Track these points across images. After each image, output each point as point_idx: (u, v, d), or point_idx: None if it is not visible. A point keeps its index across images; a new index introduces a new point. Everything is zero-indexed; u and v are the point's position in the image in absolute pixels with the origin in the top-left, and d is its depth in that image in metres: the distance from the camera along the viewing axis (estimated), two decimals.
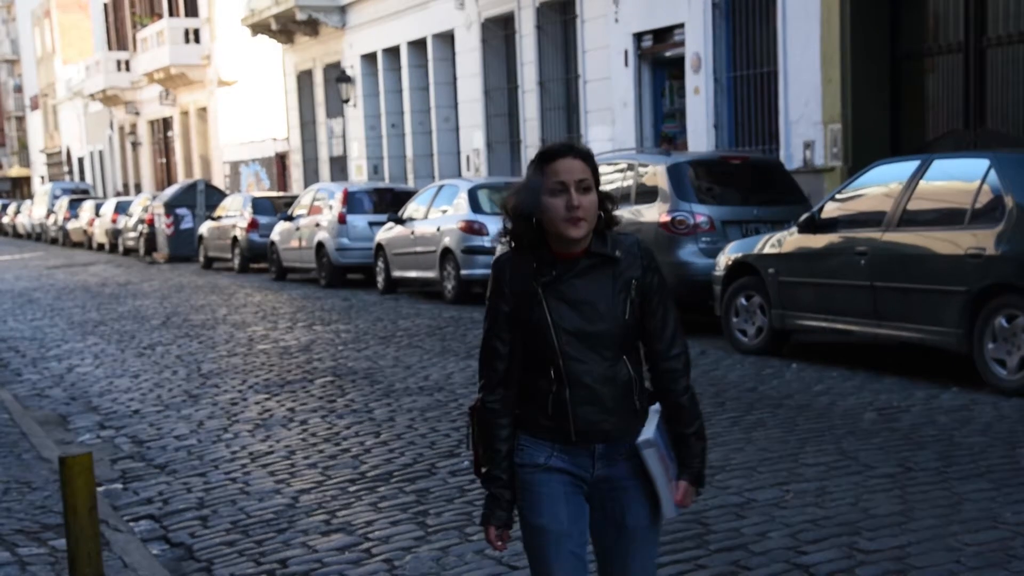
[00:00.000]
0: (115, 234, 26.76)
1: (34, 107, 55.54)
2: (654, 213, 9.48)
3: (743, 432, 5.77)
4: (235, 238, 19.33)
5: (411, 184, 19.96)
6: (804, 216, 7.97)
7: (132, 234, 25.06)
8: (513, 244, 2.48)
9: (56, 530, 4.42)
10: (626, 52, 14.79)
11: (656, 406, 2.52)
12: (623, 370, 2.46)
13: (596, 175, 2.44)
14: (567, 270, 2.43)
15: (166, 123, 35.89)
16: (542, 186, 2.39)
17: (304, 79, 25.41)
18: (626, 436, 2.46)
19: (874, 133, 11.35)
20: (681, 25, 13.80)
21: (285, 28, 24.09)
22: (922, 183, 7.17)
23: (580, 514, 2.51)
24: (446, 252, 12.77)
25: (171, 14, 32.26)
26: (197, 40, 30.94)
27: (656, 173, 9.76)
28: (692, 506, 3.01)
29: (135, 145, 38.47)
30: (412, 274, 13.73)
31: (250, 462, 5.69)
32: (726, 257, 8.59)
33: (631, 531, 2.50)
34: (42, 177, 52.87)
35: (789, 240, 8.04)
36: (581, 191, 2.38)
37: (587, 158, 2.43)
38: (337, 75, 22.68)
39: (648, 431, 2.46)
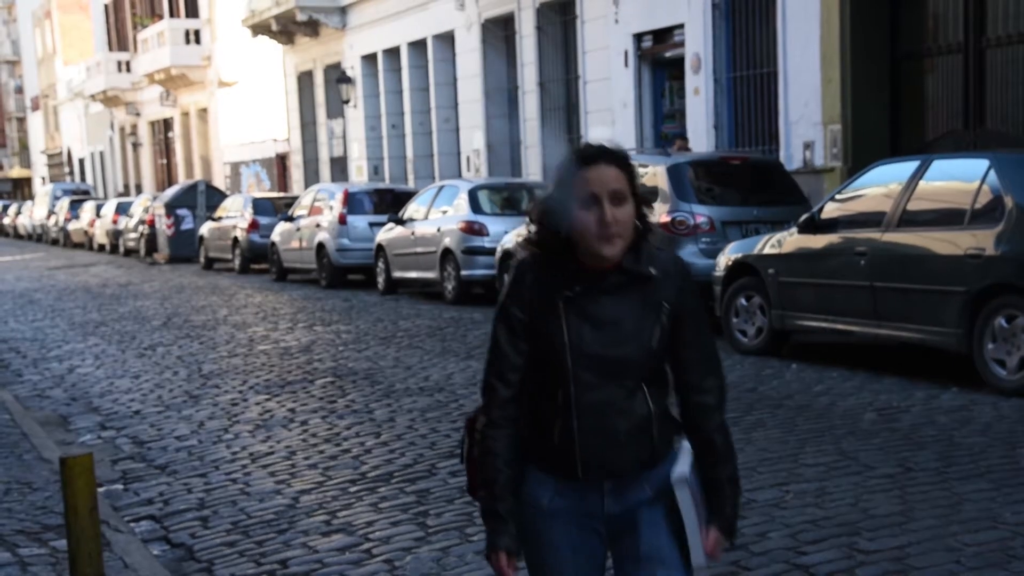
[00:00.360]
0: (116, 235, 26.78)
1: (35, 108, 55.59)
2: (654, 214, 9.49)
3: (743, 432, 5.77)
4: (236, 239, 19.34)
5: (411, 185, 19.97)
6: (804, 216, 7.97)
7: (133, 235, 25.08)
8: (537, 249, 2.24)
9: (57, 531, 4.42)
10: (626, 53, 14.80)
11: (686, 443, 2.27)
12: (642, 401, 2.20)
13: (633, 180, 2.18)
14: (594, 285, 2.16)
15: (167, 124, 35.91)
16: (573, 198, 2.13)
17: (304, 80, 25.43)
18: (640, 474, 2.21)
19: (874, 133, 11.37)
20: (681, 26, 13.81)
21: (285, 29, 24.10)
22: (922, 183, 7.17)
23: (589, 561, 2.26)
24: (446, 253, 12.78)
25: (172, 15, 32.29)
26: (198, 41, 30.96)
27: (656, 174, 9.76)
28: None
29: (136, 146, 38.51)
30: (412, 275, 13.74)
31: (251, 463, 5.70)
32: (726, 257, 8.60)
33: (647, 559, 2.20)
34: (43, 178, 52.91)
35: (789, 240, 8.05)
36: (615, 203, 2.12)
37: (623, 163, 2.16)
38: (337, 76, 22.70)
39: (683, 466, 2.21)
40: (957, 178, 7.12)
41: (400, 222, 13.98)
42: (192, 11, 31.64)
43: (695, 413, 2.25)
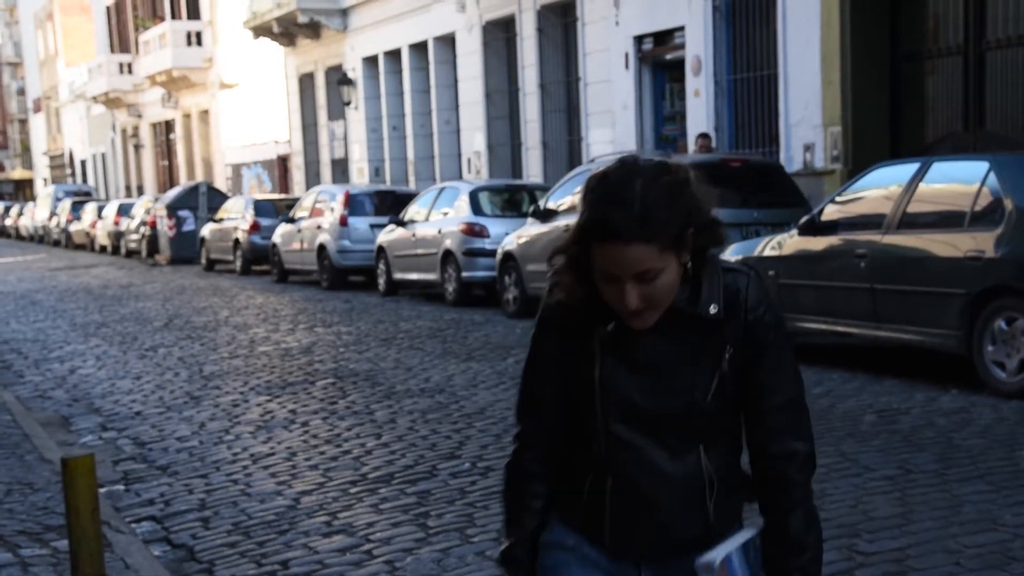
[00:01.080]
0: (117, 236, 26.82)
1: (37, 109, 55.65)
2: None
3: None
4: (237, 240, 19.37)
5: (412, 186, 20.00)
6: (804, 218, 7.98)
7: (134, 236, 25.11)
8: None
9: (58, 531, 4.43)
10: (626, 55, 14.82)
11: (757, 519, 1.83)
12: (694, 465, 1.76)
13: (686, 224, 1.65)
14: None
15: (168, 125, 35.95)
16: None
17: (306, 82, 25.46)
18: (687, 555, 1.77)
19: (874, 135, 11.38)
20: (681, 28, 13.83)
21: (287, 31, 24.14)
22: (922, 186, 7.18)
23: None
24: (447, 254, 12.79)
25: (173, 17, 32.34)
26: (199, 43, 31.01)
27: None
28: None
29: (137, 147, 38.55)
30: (413, 276, 13.75)
31: (251, 464, 5.71)
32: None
33: None
34: (45, 179, 52.98)
35: (789, 242, 8.06)
36: (644, 281, 1.65)
37: (657, 232, 1.62)
38: (338, 78, 22.73)
39: (719, 550, 1.75)
40: (957, 180, 7.12)
41: (401, 224, 14.00)
42: (194, 13, 31.69)
43: (768, 485, 1.79)
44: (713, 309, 1.73)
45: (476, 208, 12.83)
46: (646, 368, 1.75)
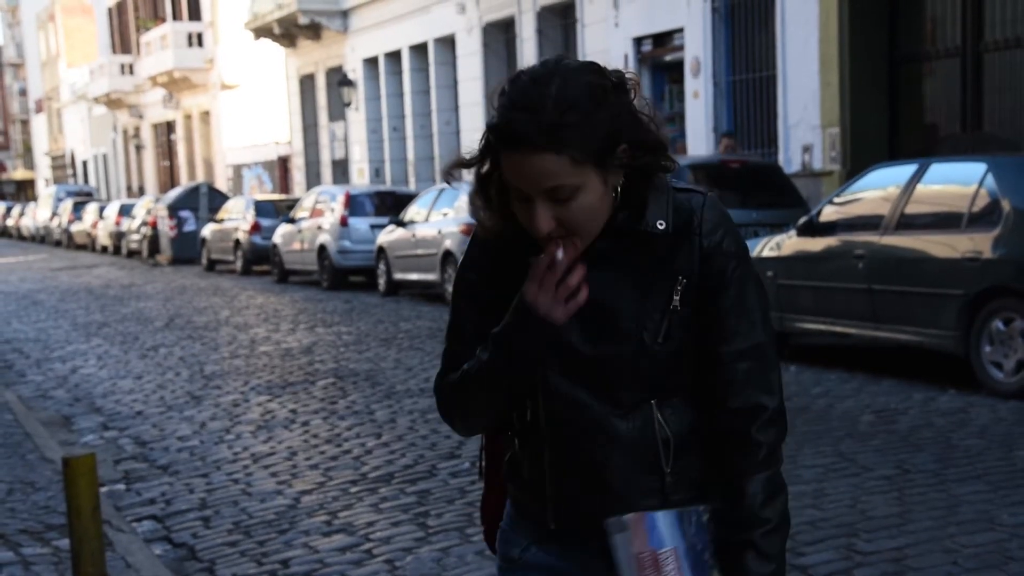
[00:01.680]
0: (119, 236, 26.85)
1: (38, 110, 55.68)
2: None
3: None
4: (237, 240, 19.39)
5: (412, 187, 20.02)
6: (802, 219, 8.01)
7: (135, 236, 25.14)
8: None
9: (59, 530, 4.45)
10: (626, 56, 14.84)
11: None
12: (647, 422, 1.50)
13: (611, 136, 1.41)
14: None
15: (169, 126, 35.98)
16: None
17: (306, 83, 25.49)
18: None
19: (872, 137, 11.41)
20: (680, 29, 13.85)
21: (288, 32, 24.17)
22: (919, 187, 7.21)
23: None
24: (447, 255, 12.82)
25: (175, 18, 32.38)
26: (200, 44, 31.05)
27: None
28: None
29: (138, 148, 38.58)
30: (413, 276, 13.78)
31: (252, 463, 5.73)
32: None
33: None
34: (46, 180, 53.01)
35: (788, 243, 8.08)
36: (558, 200, 1.41)
37: (569, 141, 1.38)
38: (339, 79, 22.76)
39: (638, 513, 1.49)
40: (955, 182, 7.14)
41: (401, 224, 14.03)
42: (195, 14, 31.73)
43: (726, 446, 1.51)
44: (660, 225, 1.47)
45: None
46: (586, 306, 1.45)
